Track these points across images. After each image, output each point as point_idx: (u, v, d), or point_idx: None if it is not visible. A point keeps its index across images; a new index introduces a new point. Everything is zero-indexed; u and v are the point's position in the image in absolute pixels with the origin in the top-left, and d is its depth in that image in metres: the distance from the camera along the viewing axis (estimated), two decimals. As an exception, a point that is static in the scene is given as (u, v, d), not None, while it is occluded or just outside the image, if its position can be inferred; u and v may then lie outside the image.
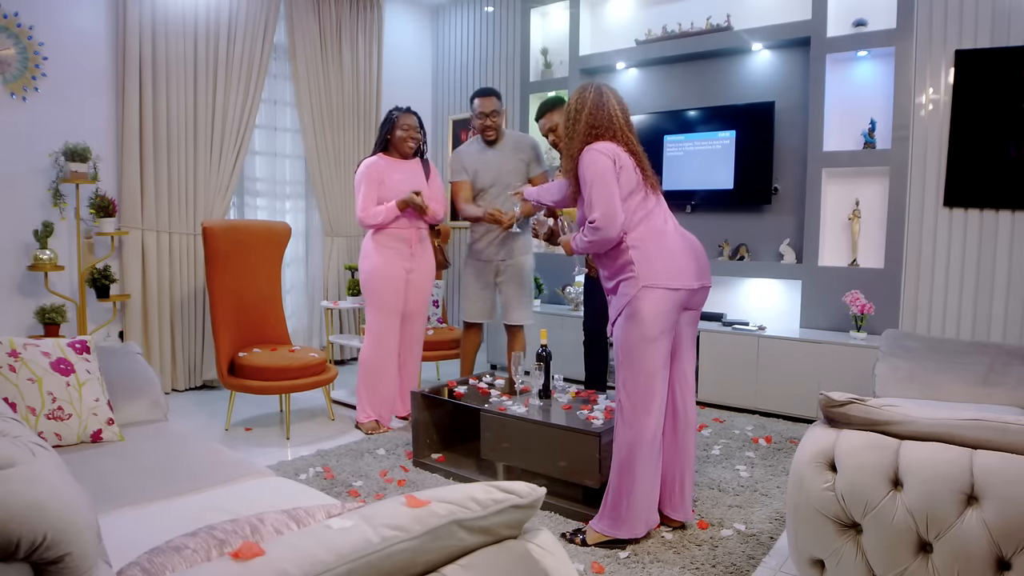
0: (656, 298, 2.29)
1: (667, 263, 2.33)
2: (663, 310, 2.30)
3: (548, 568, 1.04)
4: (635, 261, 2.32)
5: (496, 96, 3.69)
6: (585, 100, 2.46)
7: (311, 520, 1.17)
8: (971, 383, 2.62)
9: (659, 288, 2.29)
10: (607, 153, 2.36)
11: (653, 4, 4.90)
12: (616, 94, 2.50)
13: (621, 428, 2.35)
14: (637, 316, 2.29)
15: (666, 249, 2.36)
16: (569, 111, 2.49)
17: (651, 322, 2.28)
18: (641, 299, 2.29)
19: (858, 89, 4.12)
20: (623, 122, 2.46)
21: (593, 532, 2.41)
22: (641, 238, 2.36)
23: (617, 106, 2.47)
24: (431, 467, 3.14)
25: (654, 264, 2.32)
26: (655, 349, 2.30)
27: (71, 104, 4.04)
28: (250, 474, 1.97)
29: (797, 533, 1.73)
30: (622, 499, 2.34)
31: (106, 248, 4.18)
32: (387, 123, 3.68)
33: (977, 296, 3.70)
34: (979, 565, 1.44)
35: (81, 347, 2.25)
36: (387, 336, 3.68)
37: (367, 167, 3.62)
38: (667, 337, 2.34)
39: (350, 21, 5.39)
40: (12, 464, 0.89)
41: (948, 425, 1.55)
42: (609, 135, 2.43)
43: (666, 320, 2.31)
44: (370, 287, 3.64)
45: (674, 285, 2.31)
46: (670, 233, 2.41)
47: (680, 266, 2.35)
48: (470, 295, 3.84)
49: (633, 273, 2.32)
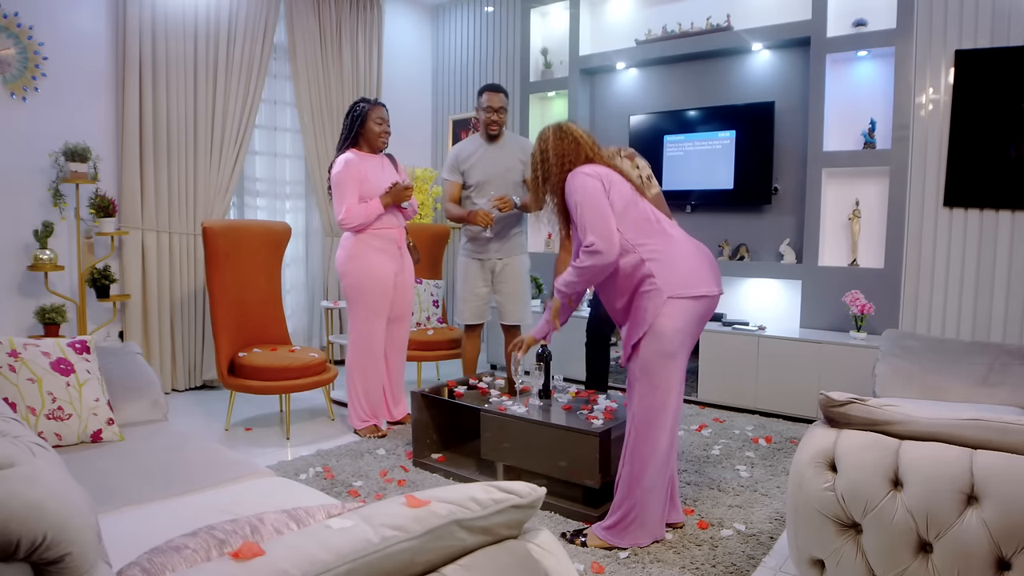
0: (681, 309, 2.23)
1: (686, 270, 2.29)
2: (688, 321, 2.25)
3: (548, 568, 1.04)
4: (655, 273, 2.25)
5: (504, 93, 3.70)
6: (547, 139, 2.47)
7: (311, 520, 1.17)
8: (971, 383, 2.62)
9: (684, 298, 2.24)
10: (592, 174, 2.33)
11: (653, 4, 4.90)
12: (576, 123, 2.52)
13: (634, 442, 2.31)
14: (659, 331, 2.23)
15: (682, 256, 2.31)
16: (535, 158, 2.48)
17: (672, 336, 2.23)
18: (665, 313, 2.22)
19: (858, 89, 4.12)
20: (591, 143, 2.46)
21: (596, 538, 2.39)
22: (656, 249, 2.30)
23: (580, 131, 2.47)
24: (431, 467, 3.13)
25: (675, 274, 2.26)
26: (674, 365, 2.26)
27: (71, 104, 4.04)
28: (250, 474, 1.97)
29: (797, 533, 1.73)
30: (631, 512, 2.32)
31: (106, 248, 4.18)
32: (358, 117, 3.51)
33: (977, 296, 3.70)
34: (979, 565, 1.44)
35: (81, 347, 2.25)
36: (377, 339, 3.60)
37: (346, 165, 3.43)
38: (686, 351, 2.30)
39: (350, 21, 5.39)
40: (12, 464, 0.89)
41: (948, 425, 1.55)
42: (583, 159, 2.41)
43: (688, 334, 2.27)
44: (359, 289, 3.52)
45: (698, 293, 2.26)
46: (681, 240, 2.37)
47: (698, 272, 2.30)
48: (465, 295, 3.83)
49: (654, 286, 2.25)
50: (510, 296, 3.80)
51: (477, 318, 3.84)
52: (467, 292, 3.81)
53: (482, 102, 3.69)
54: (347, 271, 3.53)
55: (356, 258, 3.51)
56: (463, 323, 3.87)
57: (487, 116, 3.68)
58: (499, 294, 3.83)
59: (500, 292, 3.82)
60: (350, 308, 3.60)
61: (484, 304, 3.84)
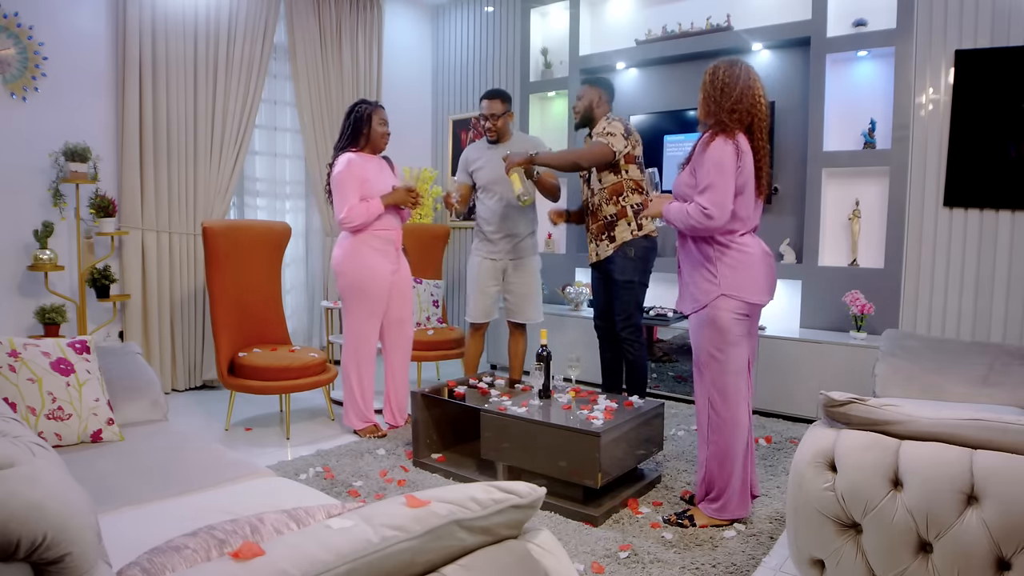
0: (733, 307, 2.41)
1: (749, 277, 2.43)
2: (740, 316, 2.42)
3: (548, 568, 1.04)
4: (719, 270, 2.42)
5: (501, 99, 3.69)
6: (737, 76, 2.41)
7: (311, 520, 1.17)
8: (971, 383, 2.62)
9: (736, 299, 2.41)
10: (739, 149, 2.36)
11: (653, 4, 4.90)
12: (761, 81, 2.46)
13: (717, 424, 2.48)
14: (717, 323, 2.42)
15: (752, 264, 2.44)
16: (717, 80, 2.43)
17: (730, 327, 2.41)
18: (719, 307, 2.41)
19: (858, 89, 4.12)
20: (763, 111, 2.43)
21: (704, 516, 2.55)
22: (735, 250, 2.42)
23: (762, 92, 2.44)
24: (431, 467, 3.13)
25: (737, 278, 2.41)
26: (738, 353, 2.44)
27: (71, 104, 4.04)
28: (250, 474, 1.97)
29: (797, 533, 1.73)
30: (727, 487, 2.49)
31: (106, 248, 4.18)
32: (360, 117, 3.52)
33: (977, 296, 3.70)
34: (979, 565, 1.44)
35: (81, 347, 2.25)
36: (371, 339, 3.61)
37: (349, 165, 3.43)
38: (747, 340, 2.47)
39: (350, 21, 5.39)
40: (12, 464, 0.89)
41: (948, 425, 1.55)
42: (746, 122, 2.40)
43: (742, 326, 2.44)
44: (356, 289, 3.52)
45: (752, 300, 2.43)
46: (756, 248, 2.47)
47: (760, 284, 2.45)
48: (475, 294, 3.83)
49: (714, 280, 2.42)
50: (524, 296, 3.81)
51: (485, 316, 3.85)
52: (477, 291, 3.82)
53: (481, 108, 3.74)
54: (344, 270, 3.53)
55: (353, 258, 3.51)
56: (471, 321, 3.88)
57: (483, 123, 3.74)
58: (511, 294, 3.83)
59: (512, 292, 3.82)
60: (346, 308, 3.60)
61: (493, 303, 3.85)
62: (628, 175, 3.37)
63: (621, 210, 3.38)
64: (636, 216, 3.38)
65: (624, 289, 3.40)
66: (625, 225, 3.38)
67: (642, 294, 3.46)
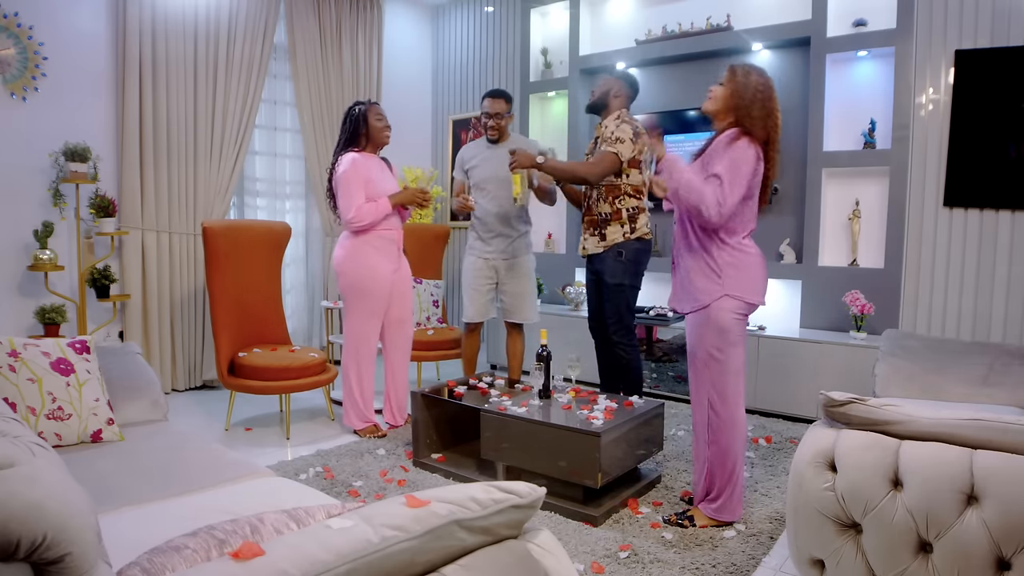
0: (735, 307, 2.44)
1: (750, 278, 2.47)
2: (740, 316, 2.46)
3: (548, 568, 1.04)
4: (723, 270, 2.44)
5: (504, 99, 3.71)
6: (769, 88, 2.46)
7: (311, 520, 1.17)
8: (971, 383, 2.62)
9: (739, 299, 2.44)
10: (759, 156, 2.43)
11: (653, 4, 4.90)
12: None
13: (717, 425, 2.49)
14: (719, 323, 2.43)
15: (753, 265, 2.48)
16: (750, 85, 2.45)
17: (731, 327, 2.44)
18: (722, 307, 2.43)
19: (858, 89, 4.12)
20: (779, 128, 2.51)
21: (704, 517, 2.56)
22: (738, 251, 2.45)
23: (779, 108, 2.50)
24: (431, 467, 3.13)
25: (740, 278, 2.45)
26: (738, 353, 2.47)
27: (71, 104, 4.04)
28: (250, 474, 1.97)
29: (797, 533, 1.73)
30: (727, 487, 2.51)
31: (106, 248, 4.18)
32: (357, 118, 3.51)
33: (977, 296, 3.70)
34: (979, 565, 1.44)
35: (81, 347, 2.25)
36: (372, 339, 3.61)
37: (353, 164, 3.43)
38: (744, 340, 2.50)
39: (350, 21, 5.39)
40: (12, 464, 0.89)
41: (948, 425, 1.55)
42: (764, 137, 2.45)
43: (742, 326, 2.48)
44: (357, 288, 3.52)
45: (752, 300, 2.47)
46: (755, 250, 2.52)
47: (759, 285, 2.50)
48: (470, 293, 3.83)
49: (717, 280, 2.44)
50: (518, 295, 3.80)
51: (480, 316, 3.84)
52: (472, 290, 3.82)
53: (483, 107, 3.74)
54: (345, 270, 3.53)
55: (354, 258, 3.51)
56: (467, 320, 3.88)
57: (485, 121, 3.73)
58: (505, 294, 3.82)
59: (507, 292, 3.82)
60: (346, 307, 3.60)
61: (489, 303, 3.85)
62: (628, 179, 3.33)
63: (616, 212, 3.35)
64: (631, 220, 3.36)
65: (614, 292, 3.36)
66: (618, 227, 3.35)
67: (633, 297, 3.44)
